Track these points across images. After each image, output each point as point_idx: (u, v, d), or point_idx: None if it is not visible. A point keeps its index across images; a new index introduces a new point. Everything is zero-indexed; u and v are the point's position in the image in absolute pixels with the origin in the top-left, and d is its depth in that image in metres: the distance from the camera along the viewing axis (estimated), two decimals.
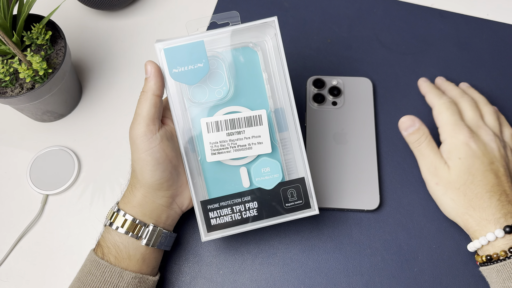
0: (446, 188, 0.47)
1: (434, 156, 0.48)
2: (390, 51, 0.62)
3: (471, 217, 0.45)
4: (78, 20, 0.66)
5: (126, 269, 0.44)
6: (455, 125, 0.48)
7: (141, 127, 0.43)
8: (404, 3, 0.66)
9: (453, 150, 0.47)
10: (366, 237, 0.52)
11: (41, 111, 0.56)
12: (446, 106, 0.49)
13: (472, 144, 0.46)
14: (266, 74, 0.45)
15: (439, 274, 0.50)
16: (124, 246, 0.44)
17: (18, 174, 0.56)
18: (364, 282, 0.50)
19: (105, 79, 0.62)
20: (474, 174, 0.45)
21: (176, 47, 0.43)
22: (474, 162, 0.46)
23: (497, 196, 0.45)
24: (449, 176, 0.47)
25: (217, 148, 0.45)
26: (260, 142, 0.45)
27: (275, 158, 0.46)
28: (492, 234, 0.43)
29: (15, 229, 0.53)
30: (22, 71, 0.50)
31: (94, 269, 0.44)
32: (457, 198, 0.46)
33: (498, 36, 0.63)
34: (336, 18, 0.65)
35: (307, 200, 0.45)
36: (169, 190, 0.45)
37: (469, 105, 0.50)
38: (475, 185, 0.45)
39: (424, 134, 0.48)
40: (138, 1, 0.68)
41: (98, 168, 0.57)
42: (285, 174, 0.46)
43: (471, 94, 0.53)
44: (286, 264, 0.51)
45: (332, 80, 0.59)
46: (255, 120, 0.45)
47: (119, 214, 0.45)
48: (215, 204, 0.45)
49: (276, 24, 0.45)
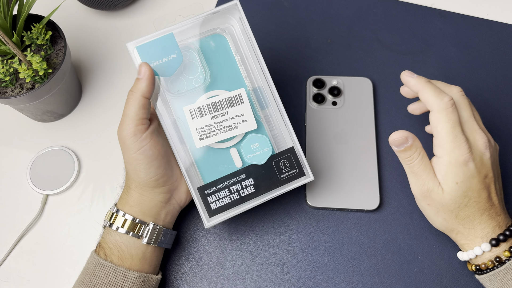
0: (439, 210, 0.44)
1: (427, 177, 0.44)
2: (390, 51, 0.62)
3: (460, 233, 0.45)
4: (78, 20, 0.66)
5: (130, 269, 0.44)
6: (455, 141, 0.42)
7: (130, 128, 0.43)
8: (404, 3, 0.66)
9: (450, 173, 0.43)
10: (366, 237, 0.52)
11: (41, 111, 0.56)
12: (447, 113, 0.43)
13: (470, 164, 0.42)
14: (239, 56, 0.47)
15: (439, 274, 0.50)
16: (126, 246, 0.44)
17: (18, 174, 0.56)
18: (364, 282, 0.50)
19: (105, 79, 0.62)
20: (469, 196, 0.43)
21: (147, 43, 0.45)
22: (471, 183, 0.43)
23: (487, 211, 0.44)
24: (442, 199, 0.43)
25: (204, 133, 0.45)
26: (244, 120, 0.46)
27: (262, 133, 0.47)
28: (479, 248, 0.43)
29: (15, 229, 0.53)
30: (22, 71, 0.50)
31: (98, 271, 0.43)
32: (449, 218, 0.45)
33: (498, 36, 0.63)
34: (336, 18, 0.65)
35: (301, 168, 0.46)
36: (165, 186, 0.46)
37: (466, 106, 0.45)
38: (469, 206, 0.43)
39: (417, 151, 0.44)
40: (138, 1, 0.68)
41: (98, 168, 0.57)
42: (274, 147, 0.47)
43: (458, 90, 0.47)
44: (286, 264, 0.51)
45: (332, 80, 0.59)
46: (236, 99, 0.46)
47: (119, 215, 0.45)
48: (212, 188, 0.46)
49: (239, 7, 0.47)
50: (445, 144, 0.43)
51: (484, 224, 0.44)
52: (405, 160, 0.45)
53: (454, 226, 0.45)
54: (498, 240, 0.43)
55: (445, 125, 0.43)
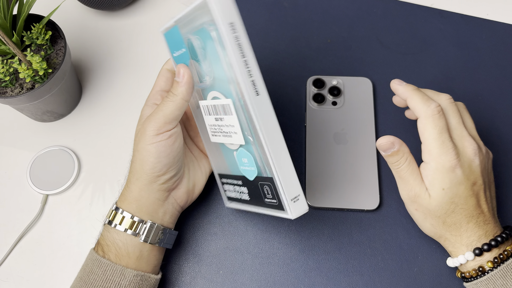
0: (426, 215, 0.45)
1: (414, 182, 0.44)
2: (390, 51, 0.62)
3: (448, 240, 0.45)
4: (78, 20, 0.66)
5: (127, 267, 0.44)
6: (442, 147, 0.43)
7: (158, 123, 0.43)
8: (404, 3, 0.66)
9: (437, 179, 0.43)
10: (366, 237, 0.52)
11: (41, 111, 0.56)
12: (434, 120, 0.43)
13: (457, 170, 0.42)
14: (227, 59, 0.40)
15: (438, 274, 0.50)
16: (123, 243, 0.44)
17: (18, 174, 0.56)
18: (364, 282, 0.50)
19: (105, 79, 0.62)
20: (456, 203, 0.43)
21: (169, 31, 0.45)
22: (458, 189, 0.43)
23: (474, 219, 0.44)
24: (429, 204, 0.44)
25: (213, 130, 0.46)
26: (235, 132, 0.42)
27: (249, 151, 0.42)
28: (463, 257, 0.43)
29: (15, 229, 0.53)
30: (22, 71, 0.50)
31: (96, 268, 0.43)
32: (437, 224, 0.45)
33: (498, 36, 0.63)
34: (336, 18, 0.65)
35: (280, 202, 0.41)
36: (165, 184, 0.46)
37: (454, 113, 0.45)
38: (456, 213, 0.43)
39: (404, 156, 0.44)
40: (138, 1, 0.68)
41: (98, 168, 0.57)
42: (262, 169, 0.42)
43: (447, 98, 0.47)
44: (286, 264, 0.51)
45: (332, 80, 0.59)
46: (227, 109, 0.42)
47: (117, 212, 0.45)
48: (224, 179, 0.49)
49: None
50: (432, 150, 0.43)
51: (471, 232, 0.43)
52: (393, 164, 0.46)
53: (442, 232, 0.45)
54: (482, 249, 0.43)
55: (431, 131, 0.43)
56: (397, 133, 0.56)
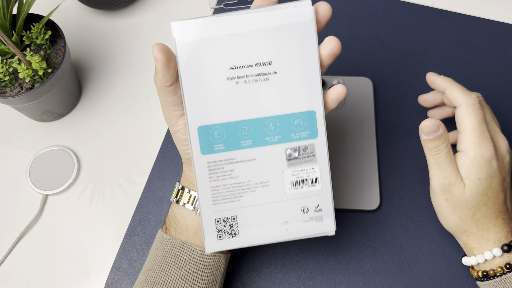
0: (456, 206, 0.44)
1: (451, 170, 0.43)
2: (390, 51, 0.62)
3: (473, 234, 0.44)
4: (78, 20, 0.66)
5: (186, 241, 0.43)
6: (481, 136, 0.42)
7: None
8: (404, 2, 0.66)
9: (474, 168, 0.42)
10: (366, 237, 0.52)
11: (40, 111, 0.56)
12: (475, 109, 0.43)
13: (494, 162, 0.42)
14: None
15: (439, 275, 0.50)
16: (182, 217, 0.44)
17: (17, 174, 0.56)
18: (364, 282, 0.50)
19: (104, 79, 0.62)
20: (489, 195, 0.43)
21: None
22: (492, 182, 0.43)
23: (502, 215, 0.43)
24: (463, 195, 0.43)
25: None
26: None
27: None
28: (490, 253, 0.43)
29: (14, 229, 0.53)
30: (22, 71, 0.50)
31: (158, 244, 0.44)
32: (465, 217, 0.44)
33: (498, 36, 0.63)
34: (336, 18, 0.65)
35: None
36: None
37: (487, 109, 0.46)
38: (487, 206, 0.43)
39: (445, 142, 0.43)
40: (138, 1, 0.68)
41: (98, 168, 0.57)
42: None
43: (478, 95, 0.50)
44: (286, 264, 0.51)
45: (332, 80, 0.59)
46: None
47: (184, 192, 0.44)
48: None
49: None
50: (471, 139, 0.43)
51: (499, 227, 0.43)
52: (431, 150, 0.44)
53: (468, 226, 0.44)
54: (510, 246, 0.42)
55: (472, 119, 0.43)
56: (397, 133, 0.56)
